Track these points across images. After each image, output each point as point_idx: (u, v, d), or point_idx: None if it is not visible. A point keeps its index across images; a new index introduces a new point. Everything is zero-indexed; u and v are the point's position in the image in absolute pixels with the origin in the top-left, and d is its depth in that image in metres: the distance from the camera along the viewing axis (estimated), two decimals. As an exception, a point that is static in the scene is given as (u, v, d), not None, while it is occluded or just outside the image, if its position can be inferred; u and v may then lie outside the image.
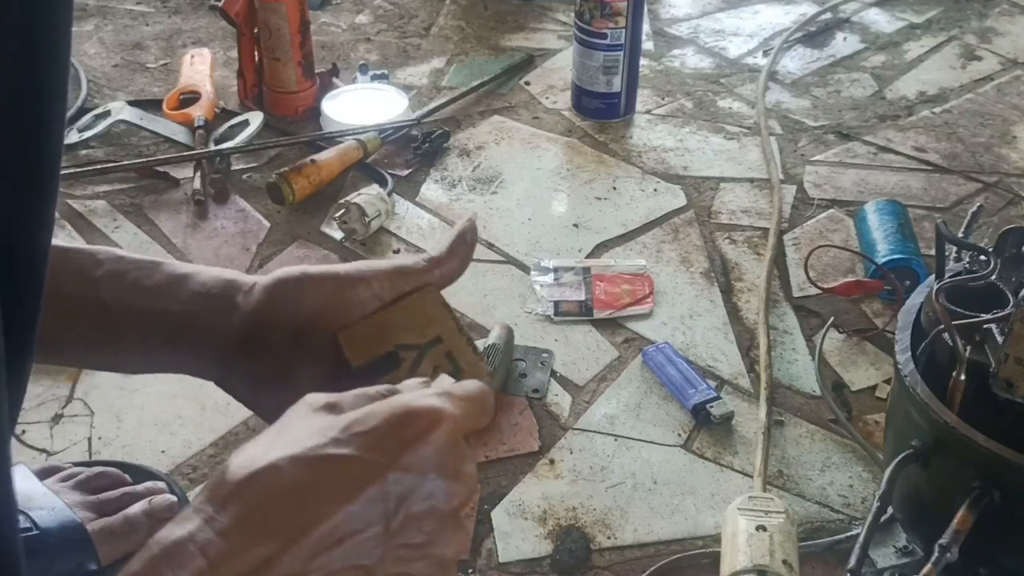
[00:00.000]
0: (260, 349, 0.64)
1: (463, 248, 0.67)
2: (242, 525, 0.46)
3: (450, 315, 0.63)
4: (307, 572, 0.47)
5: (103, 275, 0.66)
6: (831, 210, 1.85)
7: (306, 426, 0.50)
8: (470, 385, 0.54)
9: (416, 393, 0.52)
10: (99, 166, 1.90)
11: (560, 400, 1.48)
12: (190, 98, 2.05)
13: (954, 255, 1.22)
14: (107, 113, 2.00)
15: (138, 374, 0.73)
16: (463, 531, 0.51)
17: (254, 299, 0.64)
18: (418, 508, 0.49)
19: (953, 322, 1.06)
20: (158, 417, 1.44)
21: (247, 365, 0.64)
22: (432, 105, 2.07)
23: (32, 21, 0.44)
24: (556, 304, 1.63)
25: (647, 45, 2.31)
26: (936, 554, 0.99)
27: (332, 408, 0.51)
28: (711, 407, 1.43)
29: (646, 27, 2.30)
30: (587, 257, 1.74)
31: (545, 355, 1.54)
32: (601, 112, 2.08)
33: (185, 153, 1.93)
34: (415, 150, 1.96)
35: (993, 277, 1.12)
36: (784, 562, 1.12)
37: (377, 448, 0.48)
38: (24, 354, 0.51)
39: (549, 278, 1.68)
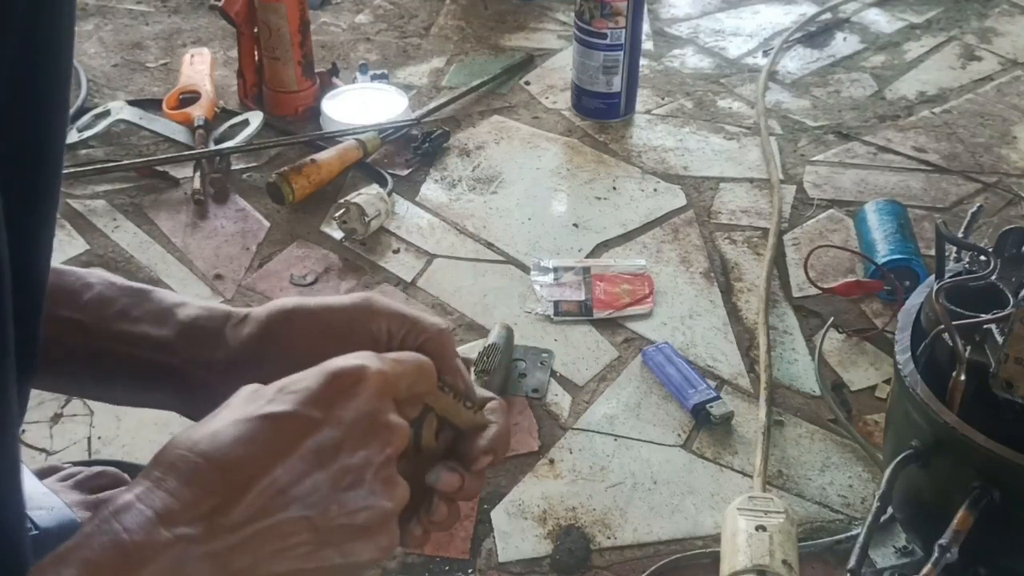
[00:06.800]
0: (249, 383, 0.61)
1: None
2: (187, 482, 0.49)
3: (443, 387, 0.61)
4: (252, 523, 0.49)
5: (90, 299, 0.65)
6: (831, 210, 1.85)
7: (242, 398, 0.53)
8: (405, 354, 0.58)
9: (345, 355, 0.55)
10: (99, 166, 1.90)
11: (560, 400, 1.48)
12: (190, 98, 2.05)
13: (954, 255, 1.22)
14: (107, 113, 2.00)
15: (130, 406, 0.72)
16: (400, 483, 0.54)
17: (246, 331, 0.63)
18: (353, 459, 0.52)
19: (953, 322, 1.06)
20: (158, 417, 1.43)
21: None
22: (432, 105, 2.06)
23: (35, 22, 0.44)
24: (556, 304, 1.63)
25: (647, 45, 2.31)
26: (936, 554, 0.99)
27: (263, 388, 0.54)
28: (711, 407, 1.43)
29: (646, 27, 2.30)
30: (587, 257, 1.74)
31: (545, 355, 1.54)
32: (601, 112, 2.08)
33: (185, 153, 1.93)
34: (415, 150, 1.96)
35: (993, 277, 1.12)
36: (784, 562, 1.12)
37: (309, 403, 0.52)
38: (30, 354, 0.51)
39: (549, 278, 1.68)
